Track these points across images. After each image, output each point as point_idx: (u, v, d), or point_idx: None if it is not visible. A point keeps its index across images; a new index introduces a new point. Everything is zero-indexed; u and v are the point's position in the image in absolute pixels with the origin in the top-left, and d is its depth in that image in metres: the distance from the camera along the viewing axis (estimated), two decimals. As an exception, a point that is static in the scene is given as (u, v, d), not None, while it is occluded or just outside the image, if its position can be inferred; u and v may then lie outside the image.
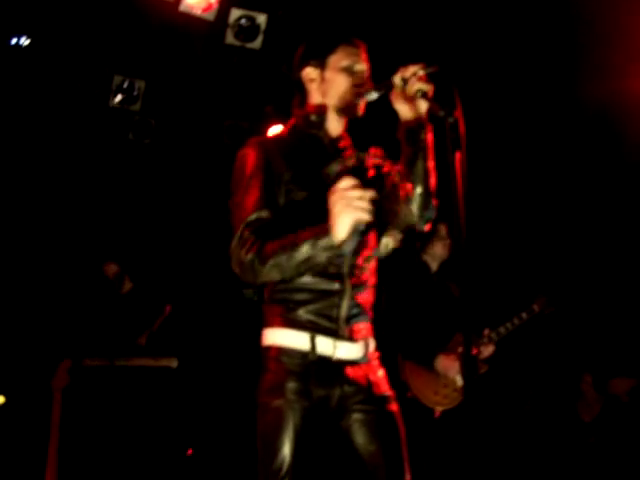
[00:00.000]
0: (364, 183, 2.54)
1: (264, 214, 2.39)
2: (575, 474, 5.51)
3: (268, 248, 2.29)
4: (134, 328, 5.44)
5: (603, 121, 5.54)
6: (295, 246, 2.26)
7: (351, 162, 2.63)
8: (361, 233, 2.49)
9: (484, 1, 5.23)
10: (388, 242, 2.61)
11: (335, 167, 2.56)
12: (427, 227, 2.65)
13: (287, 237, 2.29)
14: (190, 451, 5.71)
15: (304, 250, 2.25)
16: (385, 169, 2.70)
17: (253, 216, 2.38)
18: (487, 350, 4.87)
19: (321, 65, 2.63)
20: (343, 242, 2.23)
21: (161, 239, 6.91)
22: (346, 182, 2.19)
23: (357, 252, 2.50)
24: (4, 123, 6.09)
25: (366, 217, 2.18)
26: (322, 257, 2.26)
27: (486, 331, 4.92)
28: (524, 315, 4.99)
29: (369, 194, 2.18)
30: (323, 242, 2.23)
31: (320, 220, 2.29)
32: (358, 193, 2.17)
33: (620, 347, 5.86)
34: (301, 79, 2.68)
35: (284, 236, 2.30)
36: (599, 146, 5.79)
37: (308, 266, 2.30)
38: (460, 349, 4.71)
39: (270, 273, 2.30)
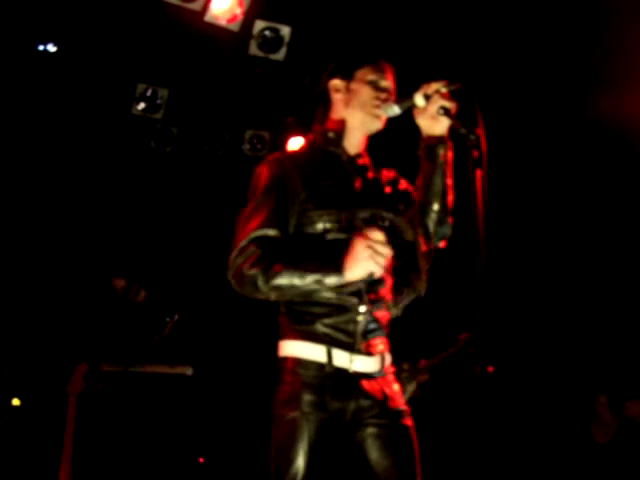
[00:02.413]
0: (381, 199, 2.57)
1: (272, 232, 2.40)
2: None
3: (274, 269, 2.31)
4: (148, 336, 5.46)
5: (623, 138, 5.54)
6: (302, 275, 2.30)
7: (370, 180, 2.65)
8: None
9: (505, 20, 5.24)
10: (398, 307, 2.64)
11: (362, 212, 2.56)
12: (442, 244, 2.66)
13: (295, 263, 2.32)
14: (202, 459, 5.72)
15: (309, 282, 2.30)
16: (401, 187, 2.72)
17: (260, 232, 2.40)
18: (423, 377, 5.37)
19: (348, 77, 2.67)
20: (350, 283, 2.30)
21: (181, 247, 6.94)
22: (379, 235, 2.25)
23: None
24: (28, 128, 6.15)
25: (379, 270, 2.25)
26: (325, 292, 2.34)
27: (423, 362, 5.41)
28: (452, 350, 5.43)
29: (390, 251, 2.25)
30: (330, 280, 2.29)
31: (335, 242, 2.33)
32: (385, 250, 2.24)
33: (636, 369, 5.82)
34: (327, 90, 2.71)
35: (294, 259, 2.33)
36: (618, 163, 5.79)
37: (311, 295, 2.37)
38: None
39: (270, 293, 2.34)
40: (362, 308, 2.45)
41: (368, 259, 2.22)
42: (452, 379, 5.94)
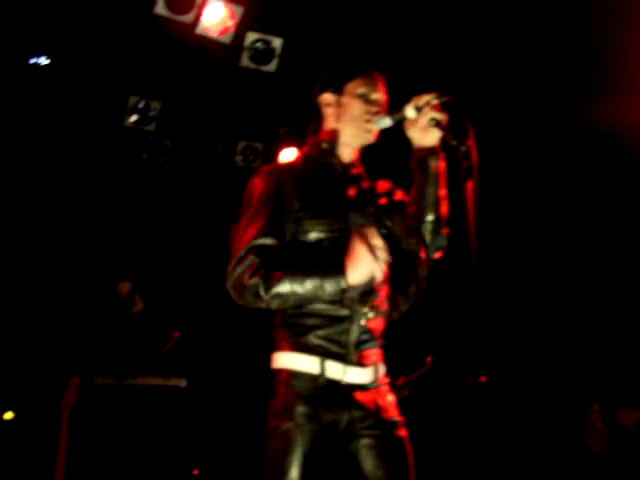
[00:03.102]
0: (377, 210, 2.58)
1: (269, 241, 2.40)
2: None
3: (275, 277, 2.30)
4: (144, 348, 5.45)
5: (616, 145, 5.56)
6: (302, 281, 2.28)
7: (366, 190, 2.65)
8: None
9: (495, 31, 5.28)
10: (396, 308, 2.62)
11: (356, 216, 2.56)
12: (438, 255, 2.67)
13: (295, 269, 2.31)
14: (196, 471, 5.71)
15: (310, 287, 2.28)
16: (396, 197, 2.72)
17: (258, 241, 2.39)
18: (404, 392, 5.61)
19: (339, 91, 2.68)
20: (351, 288, 2.28)
21: (172, 259, 6.94)
22: (371, 231, 2.24)
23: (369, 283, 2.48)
24: (21, 141, 6.15)
25: (380, 274, 2.23)
26: (328, 296, 2.31)
27: (402, 378, 5.66)
28: (422, 370, 5.66)
29: (386, 247, 2.22)
30: (331, 284, 2.27)
31: (330, 250, 2.33)
32: (381, 244, 2.22)
33: (629, 378, 5.84)
34: (318, 104, 2.72)
35: (292, 267, 2.32)
36: (610, 175, 5.81)
37: (313, 301, 2.36)
38: None
39: (272, 301, 2.32)
40: (367, 312, 2.46)
41: (370, 259, 2.21)
42: (446, 390, 5.95)
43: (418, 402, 5.41)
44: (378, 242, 2.23)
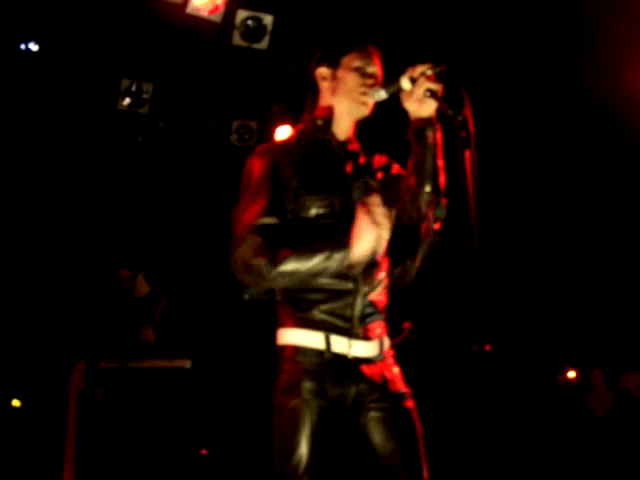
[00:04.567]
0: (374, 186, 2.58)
1: (271, 220, 2.39)
2: (588, 469, 5.52)
3: (281, 255, 2.29)
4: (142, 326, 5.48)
5: (609, 118, 5.56)
6: (310, 256, 2.28)
7: (365, 168, 2.65)
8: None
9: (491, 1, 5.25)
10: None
11: (357, 184, 2.57)
12: (437, 226, 2.67)
13: (301, 246, 2.31)
14: (204, 451, 5.74)
15: (318, 261, 2.27)
16: (393, 171, 2.72)
17: (261, 221, 2.38)
18: None
19: (334, 65, 2.67)
20: (357, 260, 2.26)
21: (171, 241, 6.94)
22: (375, 199, 2.22)
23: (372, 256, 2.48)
24: (15, 127, 6.13)
25: (386, 236, 2.22)
26: (335, 270, 2.30)
27: None
28: (400, 338, 5.37)
29: (393, 212, 2.21)
30: (339, 256, 2.26)
31: (330, 225, 2.32)
32: (384, 211, 2.20)
33: (631, 342, 5.87)
34: (314, 78, 2.71)
35: (297, 243, 2.32)
36: (605, 144, 5.81)
37: (319, 276, 2.34)
38: None
39: (278, 279, 2.31)
40: (370, 285, 2.44)
41: (373, 231, 2.20)
42: (451, 359, 5.97)
43: (424, 372, 5.44)
44: (383, 211, 2.21)
